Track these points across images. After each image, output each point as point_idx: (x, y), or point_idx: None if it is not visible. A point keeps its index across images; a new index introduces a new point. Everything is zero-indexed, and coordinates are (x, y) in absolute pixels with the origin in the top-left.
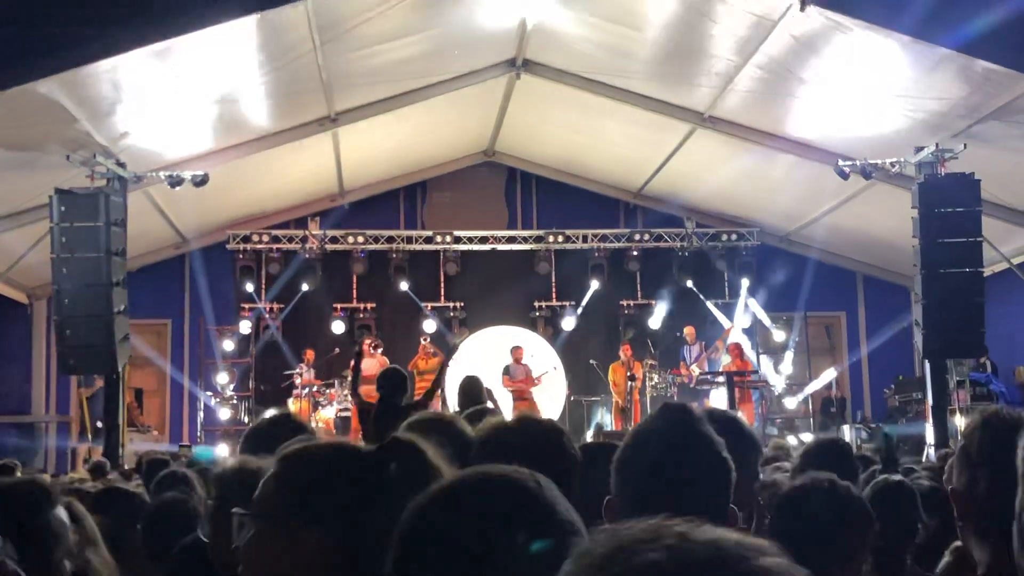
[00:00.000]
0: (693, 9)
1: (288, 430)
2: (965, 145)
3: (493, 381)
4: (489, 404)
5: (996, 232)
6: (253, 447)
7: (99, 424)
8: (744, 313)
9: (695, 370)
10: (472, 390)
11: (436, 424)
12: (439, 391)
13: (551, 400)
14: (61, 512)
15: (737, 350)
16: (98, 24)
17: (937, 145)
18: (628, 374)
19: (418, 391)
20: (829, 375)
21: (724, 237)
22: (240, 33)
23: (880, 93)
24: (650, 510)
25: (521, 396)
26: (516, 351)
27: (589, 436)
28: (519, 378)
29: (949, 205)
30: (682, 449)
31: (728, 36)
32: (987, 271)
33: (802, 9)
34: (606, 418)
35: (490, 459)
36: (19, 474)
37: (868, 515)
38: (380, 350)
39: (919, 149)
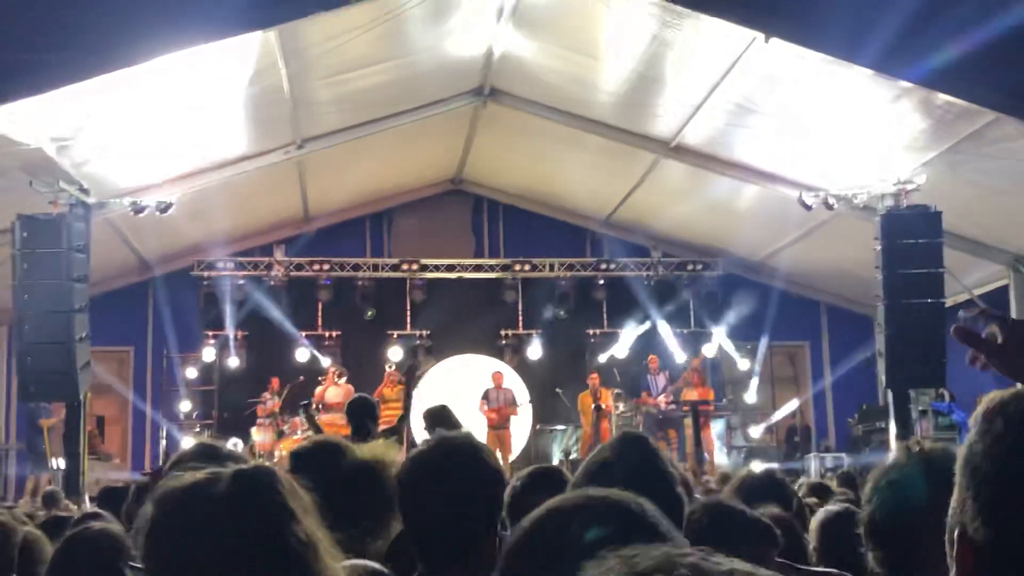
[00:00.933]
0: (658, 40)
1: (216, 460)
2: (927, 177)
3: (462, 408)
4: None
5: (958, 263)
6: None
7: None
8: (708, 342)
9: (661, 401)
10: (440, 419)
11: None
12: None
13: (516, 428)
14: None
15: (698, 377)
16: (61, 49)
17: (899, 178)
18: (594, 404)
19: (385, 419)
20: (791, 405)
21: (690, 267)
22: (206, 59)
23: (843, 125)
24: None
25: (496, 425)
26: (496, 376)
27: (555, 463)
28: (496, 405)
29: (911, 237)
30: (635, 479)
31: (693, 67)
32: (949, 302)
33: (766, 41)
34: (573, 446)
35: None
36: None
37: (765, 534)
38: (344, 379)
39: (881, 181)
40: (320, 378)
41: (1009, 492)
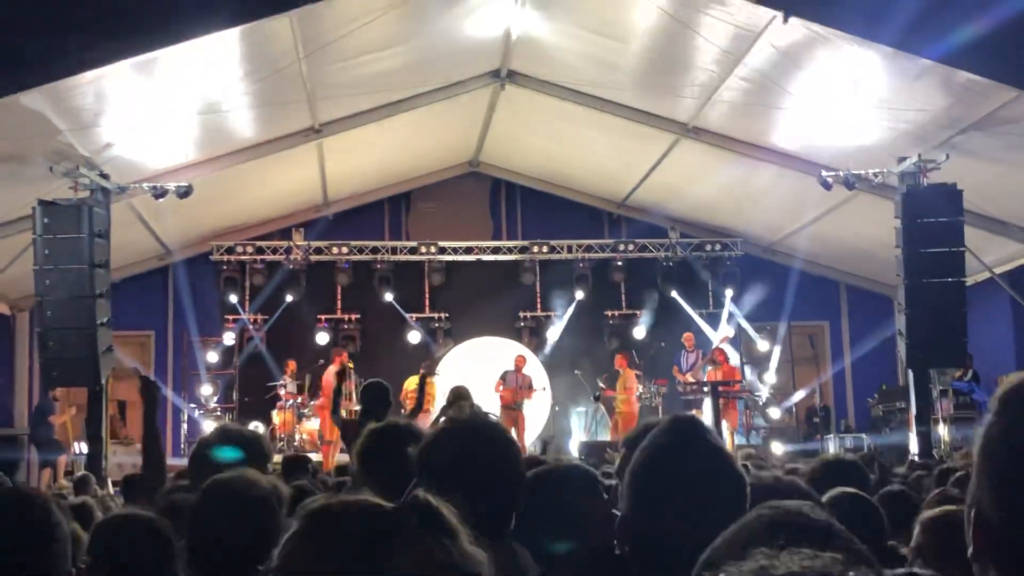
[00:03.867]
0: (677, 21)
1: (238, 443)
2: (947, 155)
3: (481, 391)
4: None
5: (978, 242)
6: (200, 466)
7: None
8: (728, 323)
9: (689, 378)
10: (460, 399)
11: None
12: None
13: (535, 411)
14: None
15: (723, 356)
16: (82, 35)
17: (919, 156)
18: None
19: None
20: (799, 394)
21: (708, 247)
22: (224, 44)
23: (862, 104)
24: (672, 528)
25: (509, 406)
26: (519, 359)
27: (574, 449)
28: (512, 387)
29: (932, 215)
30: (699, 462)
31: (711, 48)
32: (969, 281)
33: (785, 21)
34: (598, 425)
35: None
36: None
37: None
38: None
39: (902, 160)
40: (322, 361)
41: (1021, 472)
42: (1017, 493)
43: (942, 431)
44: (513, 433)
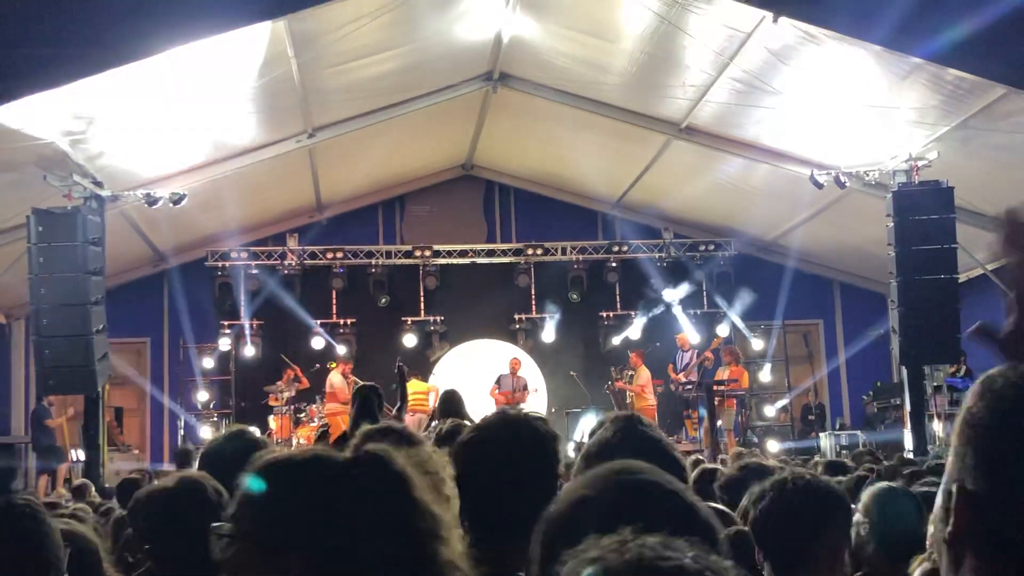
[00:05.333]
0: (667, 22)
1: (246, 446)
2: (938, 153)
3: (477, 393)
4: (466, 422)
5: (970, 238)
6: (211, 466)
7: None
8: (723, 323)
9: (682, 377)
10: (452, 403)
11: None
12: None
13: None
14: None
15: (730, 356)
16: (73, 45)
17: (910, 154)
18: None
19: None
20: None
21: (702, 247)
22: (216, 49)
23: (853, 103)
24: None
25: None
26: (514, 362)
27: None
28: (508, 390)
29: (923, 213)
30: (635, 454)
31: (702, 48)
32: (962, 277)
33: (774, 21)
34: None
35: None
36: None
37: (847, 508)
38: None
39: (893, 158)
40: (330, 364)
41: (1007, 443)
42: (1001, 461)
43: (936, 427)
44: None
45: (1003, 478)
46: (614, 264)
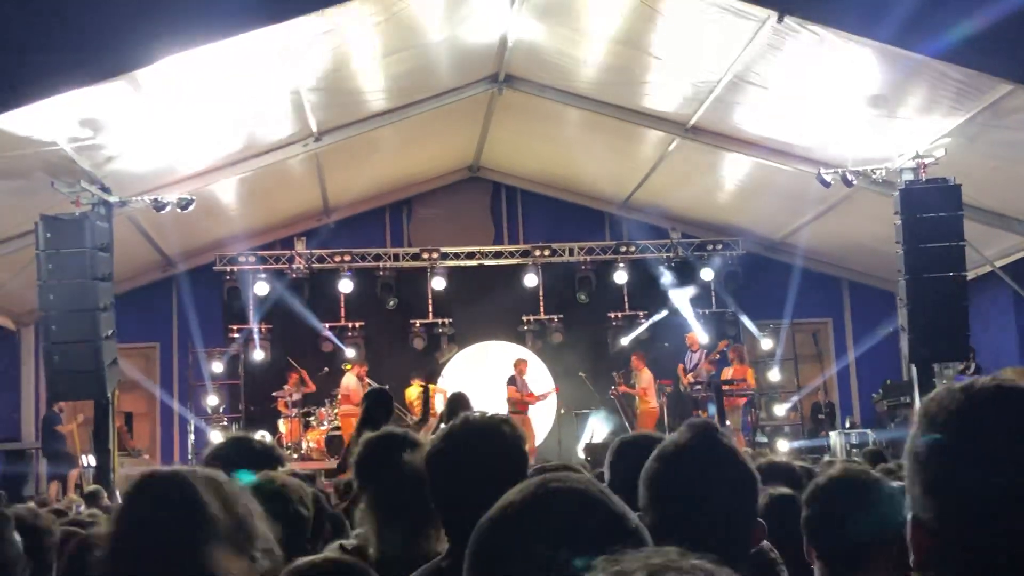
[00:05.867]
0: (671, 22)
1: (250, 452)
2: (945, 151)
3: (486, 396)
4: None
5: (978, 235)
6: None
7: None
8: (731, 322)
9: (691, 378)
10: (460, 406)
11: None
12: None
13: (542, 414)
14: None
15: (735, 353)
16: (79, 50)
17: (917, 152)
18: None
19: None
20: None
21: (709, 247)
22: (220, 55)
23: (859, 101)
24: (680, 528)
25: (522, 410)
26: (521, 364)
27: (580, 451)
28: (524, 390)
29: (931, 211)
30: (711, 467)
31: (708, 48)
32: (970, 275)
33: (779, 20)
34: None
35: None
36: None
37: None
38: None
39: (899, 156)
40: (345, 366)
41: (944, 470)
42: (945, 494)
43: None
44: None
45: (946, 506)
46: (622, 264)
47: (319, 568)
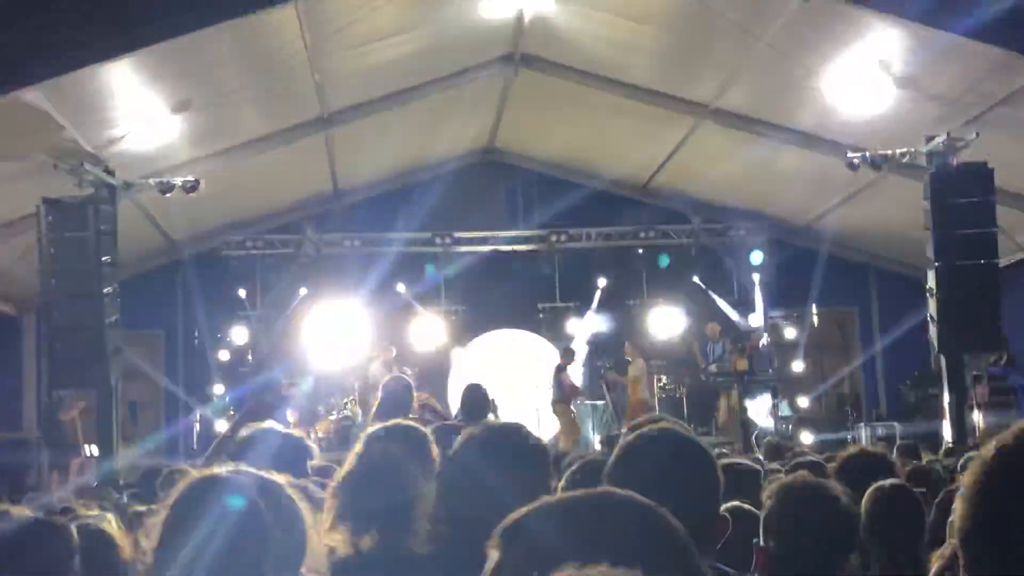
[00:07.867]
0: (696, 0)
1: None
2: (977, 133)
3: (501, 386)
4: (491, 415)
5: (1011, 221)
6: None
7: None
8: (754, 310)
9: (713, 368)
10: (477, 400)
11: None
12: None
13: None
14: None
15: (752, 343)
16: (83, 30)
17: (948, 134)
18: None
19: None
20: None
21: (732, 232)
22: (228, 35)
23: (889, 82)
24: None
25: (570, 400)
26: (570, 353)
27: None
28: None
29: (962, 195)
30: (673, 458)
31: (732, 27)
32: (1003, 262)
33: (806, 0)
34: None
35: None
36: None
37: (851, 515)
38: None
39: (930, 139)
40: (372, 353)
41: (989, 544)
42: (985, 560)
43: (976, 418)
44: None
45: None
46: (641, 250)
47: None
